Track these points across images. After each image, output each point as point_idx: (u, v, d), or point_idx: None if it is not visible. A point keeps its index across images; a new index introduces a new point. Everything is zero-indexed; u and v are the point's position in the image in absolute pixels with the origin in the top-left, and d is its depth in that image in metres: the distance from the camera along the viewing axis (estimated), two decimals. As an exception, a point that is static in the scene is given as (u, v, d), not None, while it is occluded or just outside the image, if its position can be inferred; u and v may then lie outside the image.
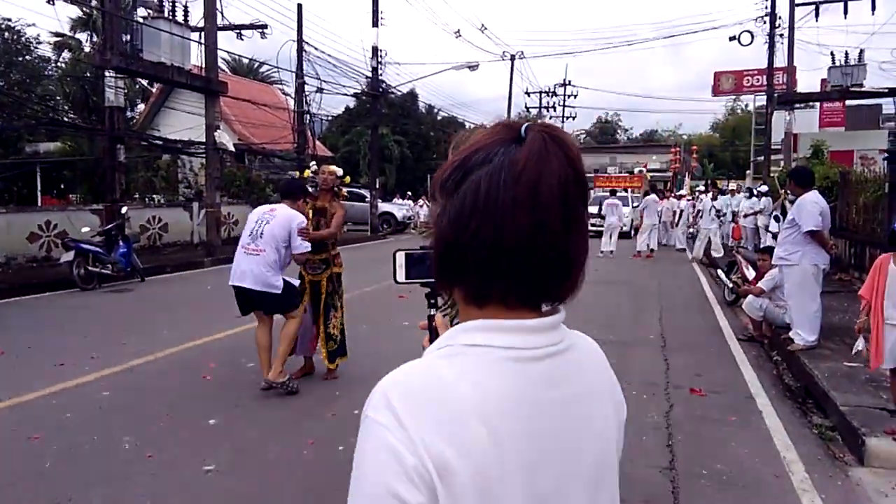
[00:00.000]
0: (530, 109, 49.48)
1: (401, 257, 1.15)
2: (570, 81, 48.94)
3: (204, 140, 15.99)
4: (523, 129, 0.82)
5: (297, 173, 10.11)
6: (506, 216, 0.78)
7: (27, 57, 24.20)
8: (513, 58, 40.25)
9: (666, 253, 18.70)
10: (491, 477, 0.74)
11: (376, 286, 11.39)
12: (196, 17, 15.93)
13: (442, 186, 0.85)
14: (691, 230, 19.64)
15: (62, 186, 22.43)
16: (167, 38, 14.30)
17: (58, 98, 23.39)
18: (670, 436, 4.67)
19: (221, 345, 7.14)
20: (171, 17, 14.90)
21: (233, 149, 17.61)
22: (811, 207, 6.42)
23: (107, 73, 13.42)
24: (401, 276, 1.15)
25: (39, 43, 24.92)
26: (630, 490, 3.77)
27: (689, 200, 21.79)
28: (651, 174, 39.83)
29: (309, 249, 5.49)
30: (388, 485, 0.72)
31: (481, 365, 0.79)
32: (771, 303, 7.40)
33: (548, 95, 47.90)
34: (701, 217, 17.14)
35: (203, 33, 15.83)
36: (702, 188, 25.22)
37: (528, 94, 47.40)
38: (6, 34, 23.53)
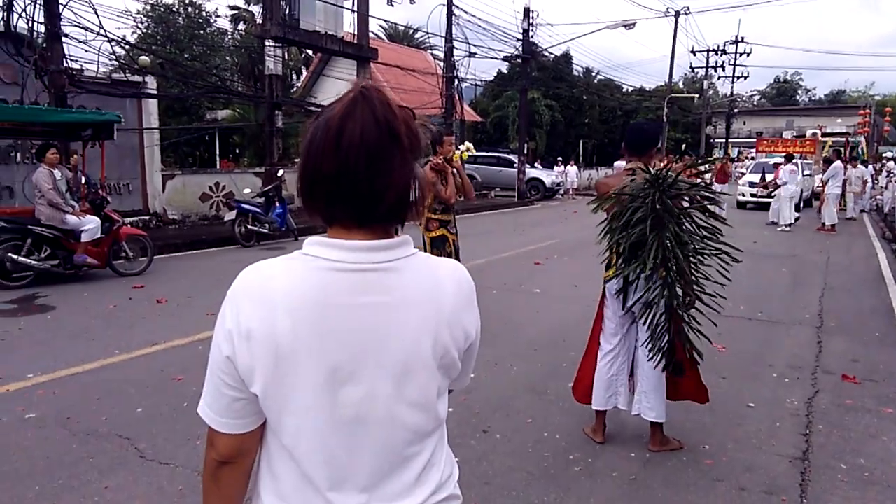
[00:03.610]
0: (696, 70, 46.33)
1: None
2: (742, 38, 45.13)
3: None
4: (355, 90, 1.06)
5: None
6: (320, 156, 1.04)
7: (207, 30, 26.35)
8: (677, 14, 37.66)
9: (844, 226, 16.80)
10: (285, 348, 1.03)
11: (512, 252, 11.33)
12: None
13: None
14: (877, 199, 17.48)
15: (237, 151, 24.44)
16: (321, 7, 14.92)
17: (234, 68, 25.37)
18: (809, 424, 4.21)
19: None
20: (325, -14, 15.50)
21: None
22: None
23: (267, 43, 14.29)
24: None
25: (218, 17, 27.09)
26: (752, 477, 3.46)
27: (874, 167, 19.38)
28: (832, 139, 35.85)
29: None
30: (215, 337, 1.09)
31: (302, 269, 1.06)
32: (957, 283, 6.41)
33: (716, 54, 44.42)
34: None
35: (355, 1, 16.32)
36: (890, 154, 22.32)
37: (693, 52, 44.27)
38: (189, 9, 25.76)
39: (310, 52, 26.55)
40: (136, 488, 3.26)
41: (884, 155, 25.45)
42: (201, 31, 26.12)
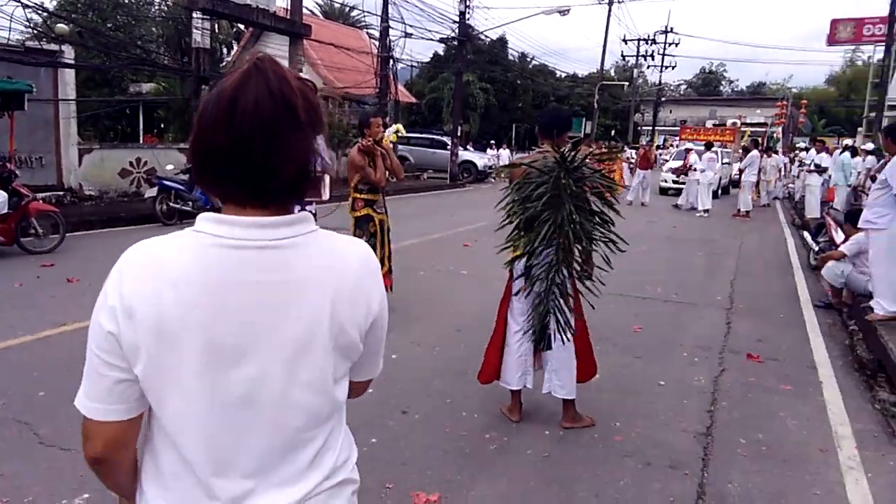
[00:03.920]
0: (627, 58, 47.38)
1: None
2: (672, 28, 46.27)
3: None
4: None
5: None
6: (212, 130, 1.00)
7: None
8: (610, 2, 38.40)
9: (758, 213, 17.61)
10: (170, 326, 1.00)
11: (442, 234, 11.37)
12: (281, -42, 15.97)
13: None
14: (789, 187, 18.43)
15: (161, 126, 23.49)
16: (252, -21, 14.41)
17: (159, 39, 24.26)
18: (714, 401, 4.41)
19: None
20: (257, -42, 14.97)
21: (315, 92, 17.73)
22: (905, 166, 5.79)
23: (194, 15, 13.73)
24: None
25: (144, -16, 25.78)
26: (658, 453, 3.61)
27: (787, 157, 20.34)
28: (751, 129, 37.41)
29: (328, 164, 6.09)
30: (96, 314, 1.04)
31: (192, 246, 1.03)
32: (854, 269, 6.83)
33: (647, 43, 45.55)
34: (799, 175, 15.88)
35: (287, -26, 15.86)
36: (802, 145, 23.49)
37: (625, 41, 45.27)
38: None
39: (241, 26, 25.70)
40: (34, 475, 3.13)
41: (797, 145, 26.73)
42: (125, 0, 24.87)
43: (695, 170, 17.31)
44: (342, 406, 1.18)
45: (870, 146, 14.37)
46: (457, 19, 24.33)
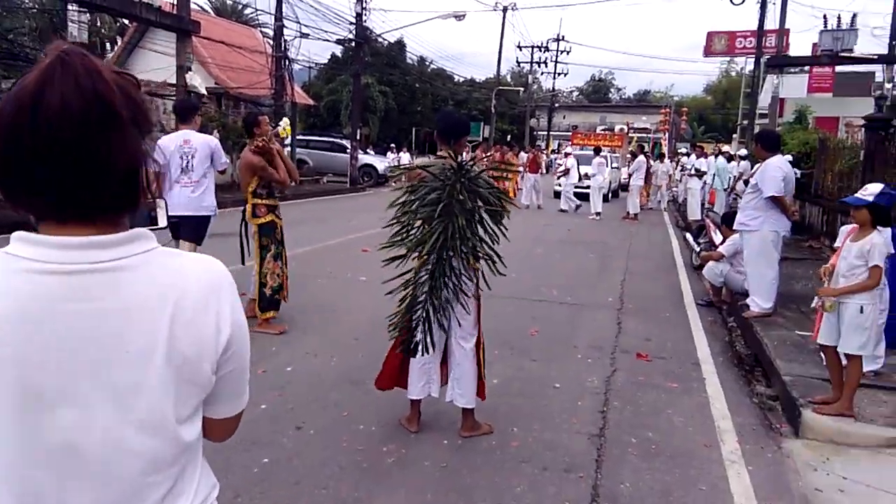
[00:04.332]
0: (522, 64, 48.60)
1: None
2: (563, 36, 47.93)
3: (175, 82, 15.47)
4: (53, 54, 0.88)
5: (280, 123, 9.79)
6: (13, 135, 0.85)
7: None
8: (505, 9, 39.26)
9: (647, 216, 18.51)
10: None
11: (341, 240, 11.18)
12: (167, -49, 15.24)
13: None
14: (673, 191, 19.55)
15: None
16: (134, -28, 13.65)
17: (33, 33, 22.51)
18: (606, 401, 4.54)
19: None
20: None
21: (205, 92, 17.02)
22: (774, 172, 6.23)
23: (69, 7, 12.84)
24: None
25: (11, -27, 23.86)
26: (553, 456, 3.66)
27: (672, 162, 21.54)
28: (638, 134, 39.37)
29: (228, 165, 6.07)
30: None
31: (1, 272, 0.89)
32: (731, 268, 7.26)
33: (540, 50, 46.94)
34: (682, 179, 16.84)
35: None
36: (683, 150, 24.95)
37: (519, 47, 46.43)
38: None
39: (126, 21, 24.30)
40: None
41: (679, 151, 28.36)
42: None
43: (568, 171, 18.24)
44: (193, 446, 1.03)
45: (743, 152, 15.41)
46: (354, 20, 24.09)
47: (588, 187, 17.94)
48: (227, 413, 1.11)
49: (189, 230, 5.71)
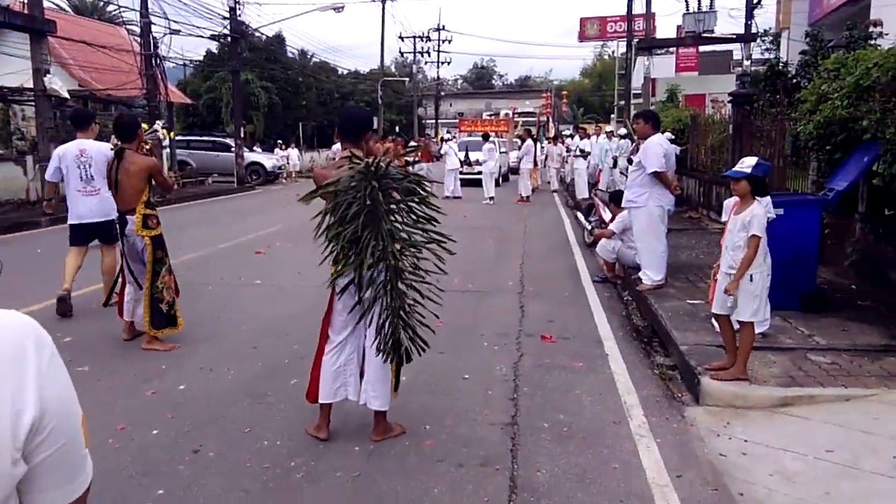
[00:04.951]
0: (405, 55, 48.44)
1: None
2: (444, 26, 48.21)
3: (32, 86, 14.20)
4: None
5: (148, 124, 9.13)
6: None
7: None
8: (384, 0, 38.90)
9: (540, 196, 18.92)
10: None
11: (232, 243, 10.65)
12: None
13: None
14: (562, 172, 20.19)
15: None
16: (-29, -34, 12.36)
17: None
18: (516, 388, 4.53)
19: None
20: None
21: (67, 95, 15.71)
22: (656, 149, 6.46)
23: None
24: None
25: None
26: (469, 451, 3.58)
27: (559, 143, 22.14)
28: (523, 118, 40.25)
29: None
30: None
31: None
32: (623, 244, 7.50)
33: (422, 40, 46.93)
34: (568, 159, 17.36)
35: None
36: (567, 132, 25.76)
37: (401, 38, 46.23)
38: None
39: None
40: None
41: (563, 132, 29.26)
42: None
43: (444, 155, 18.73)
44: None
45: (623, 131, 16.04)
46: (227, 15, 23.05)
47: (478, 173, 18.13)
48: (60, 503, 0.90)
49: (105, 235, 6.10)
